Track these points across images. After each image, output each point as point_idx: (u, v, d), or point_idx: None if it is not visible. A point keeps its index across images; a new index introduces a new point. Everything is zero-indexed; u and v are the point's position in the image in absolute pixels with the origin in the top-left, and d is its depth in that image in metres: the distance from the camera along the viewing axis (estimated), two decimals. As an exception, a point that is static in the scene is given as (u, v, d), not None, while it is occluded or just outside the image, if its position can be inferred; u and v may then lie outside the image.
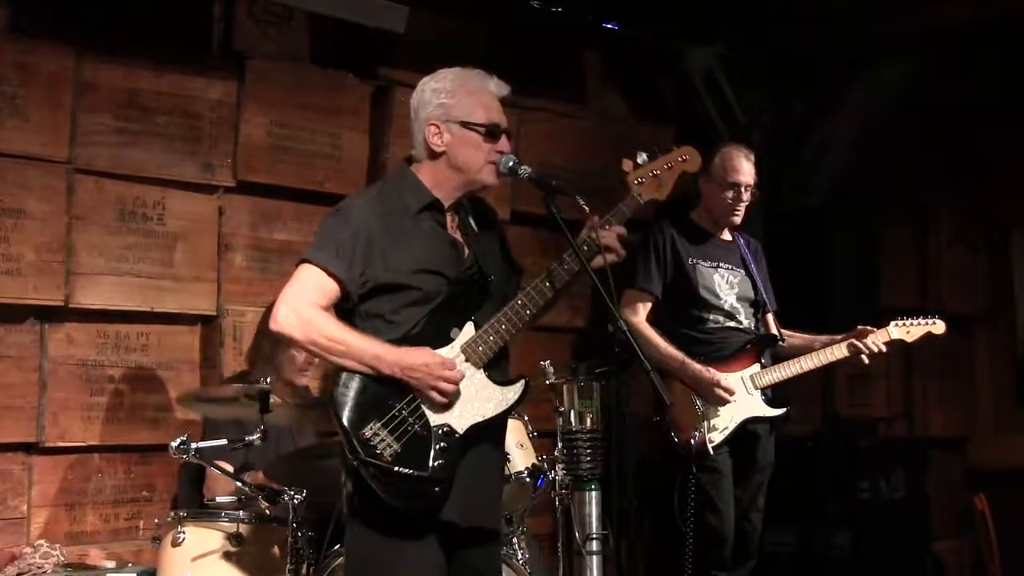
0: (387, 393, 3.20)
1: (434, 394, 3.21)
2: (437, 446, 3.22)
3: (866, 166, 6.93)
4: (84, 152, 4.76)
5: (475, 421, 3.30)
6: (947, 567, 7.13)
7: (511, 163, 3.49)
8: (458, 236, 3.43)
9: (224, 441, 4.10)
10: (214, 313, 5.08)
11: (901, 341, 5.11)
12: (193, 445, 3.96)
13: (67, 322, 4.74)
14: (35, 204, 4.62)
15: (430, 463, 3.20)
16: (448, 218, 3.42)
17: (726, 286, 5.00)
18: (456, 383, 3.24)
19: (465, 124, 3.38)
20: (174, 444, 3.95)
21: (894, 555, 6.32)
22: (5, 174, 4.56)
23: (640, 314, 4.92)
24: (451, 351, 3.30)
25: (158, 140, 4.94)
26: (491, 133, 3.42)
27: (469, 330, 3.34)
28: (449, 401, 3.25)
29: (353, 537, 3.30)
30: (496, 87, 3.48)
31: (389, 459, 3.15)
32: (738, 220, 5.05)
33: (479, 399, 3.31)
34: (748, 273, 5.06)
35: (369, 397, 3.19)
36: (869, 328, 4.98)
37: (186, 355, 5.05)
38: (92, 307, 4.78)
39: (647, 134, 6.72)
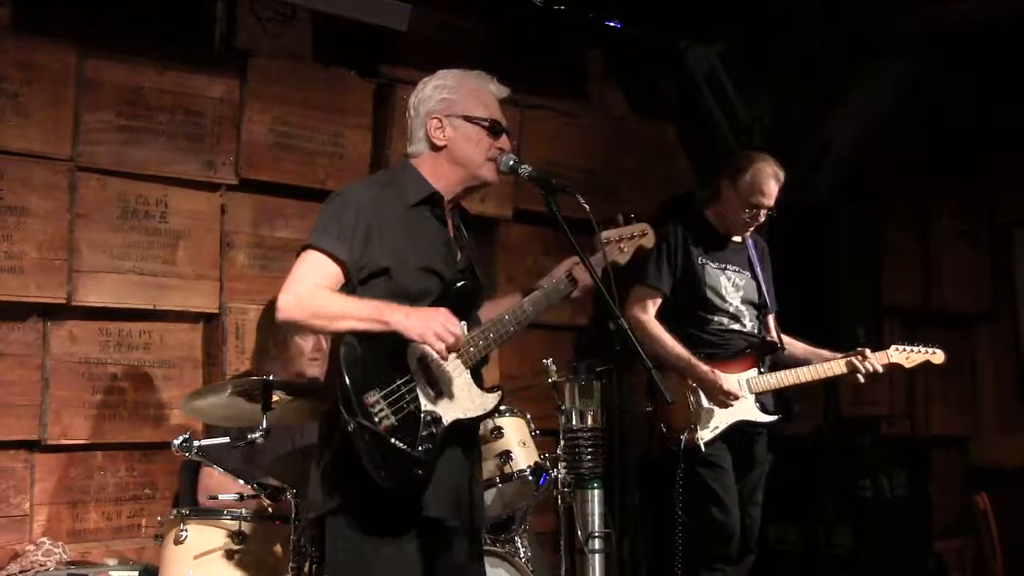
0: (390, 365, 3.20)
1: (433, 338, 3.17)
2: (424, 431, 3.23)
3: (868, 165, 6.93)
4: (87, 150, 4.76)
5: (458, 417, 3.31)
6: (948, 566, 7.14)
7: (511, 162, 3.51)
8: (452, 236, 3.44)
9: (227, 439, 4.10)
10: (216, 311, 5.08)
11: (899, 366, 5.10)
12: (195, 443, 3.97)
13: (69, 320, 4.75)
14: (38, 202, 4.62)
15: (417, 444, 3.20)
16: (446, 215, 3.43)
17: (732, 288, 5.00)
18: (457, 337, 3.21)
19: (468, 118, 3.40)
20: (176, 442, 3.95)
21: (896, 554, 6.32)
22: (8, 172, 4.56)
23: (649, 311, 4.93)
24: None
25: (160, 138, 4.94)
26: (493, 129, 3.43)
27: (463, 329, 3.35)
28: (442, 387, 3.26)
29: (334, 532, 3.25)
30: (496, 88, 3.50)
31: (385, 430, 3.14)
32: (747, 235, 5.05)
33: (463, 397, 3.33)
34: (754, 275, 5.06)
35: (375, 363, 3.18)
36: (868, 350, 4.98)
37: (188, 353, 5.05)
38: (94, 305, 4.78)
39: (649, 133, 6.73)
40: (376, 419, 3.14)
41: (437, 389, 3.27)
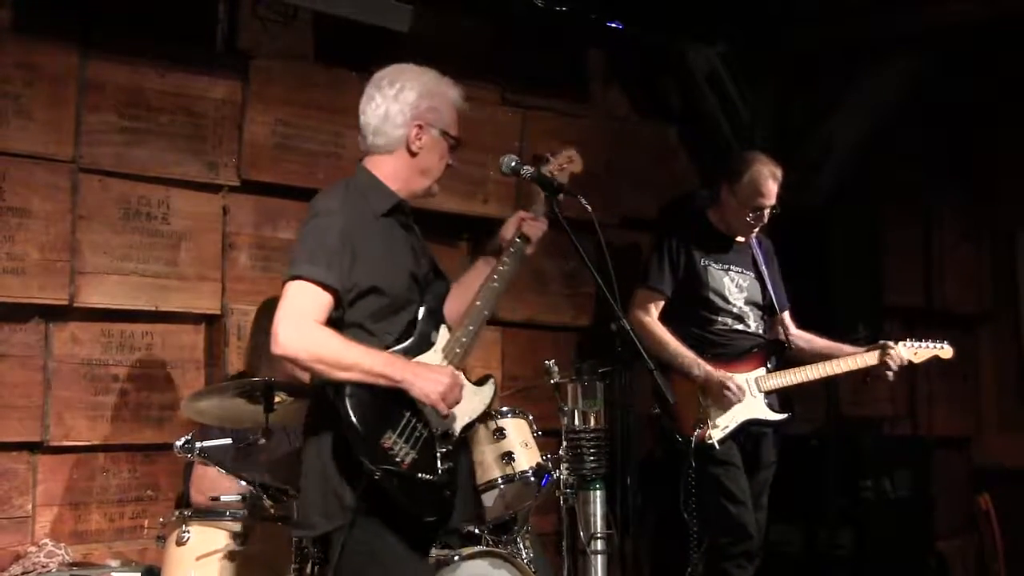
0: (395, 401, 3.21)
1: (440, 402, 3.23)
2: (441, 450, 3.25)
3: (869, 165, 6.93)
4: (88, 151, 4.76)
5: (466, 422, 3.36)
6: (951, 566, 7.13)
7: (513, 163, 3.53)
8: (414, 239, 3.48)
9: (229, 440, 4.11)
10: (218, 312, 5.07)
11: (908, 362, 5.10)
12: (197, 444, 3.97)
13: (71, 321, 4.74)
14: (40, 203, 4.62)
15: (438, 467, 3.22)
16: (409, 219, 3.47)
17: (735, 289, 5.01)
18: (458, 401, 3.30)
19: (444, 133, 3.43)
20: (178, 443, 3.95)
21: (898, 554, 6.32)
22: (10, 173, 4.56)
23: (652, 313, 4.95)
24: (435, 355, 3.35)
25: (162, 139, 4.94)
26: (455, 146, 3.47)
27: (444, 333, 3.39)
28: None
29: (348, 536, 3.25)
30: (460, 99, 3.51)
31: (409, 467, 3.16)
32: (752, 236, 5.05)
33: (464, 400, 3.35)
34: (758, 275, 5.06)
35: (380, 405, 3.20)
36: (891, 344, 4.98)
37: (190, 354, 5.04)
38: (97, 306, 4.78)
39: (650, 133, 6.73)
40: (398, 459, 3.16)
41: None
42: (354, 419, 3.14)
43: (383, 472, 3.12)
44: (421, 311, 3.35)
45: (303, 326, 3.18)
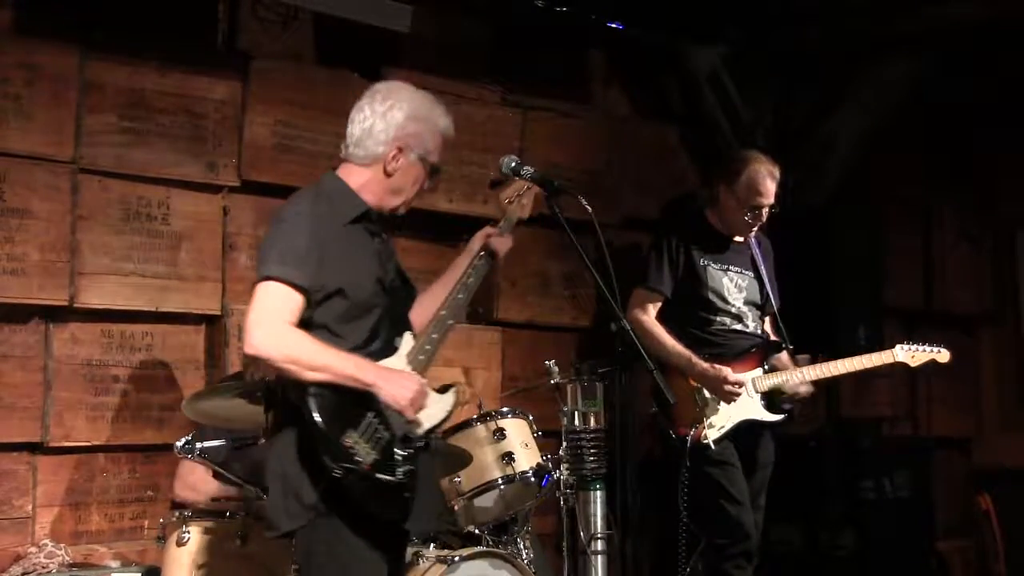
0: (359, 401, 3.24)
1: (408, 407, 3.27)
2: (402, 453, 3.29)
3: (869, 165, 6.93)
4: (89, 152, 4.76)
5: (427, 427, 3.39)
6: (951, 566, 7.13)
7: (514, 163, 3.54)
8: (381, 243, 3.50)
9: (228, 441, 4.10)
10: (219, 313, 5.07)
11: (905, 365, 5.10)
12: (198, 445, 3.98)
13: (72, 322, 4.74)
14: (40, 204, 4.62)
15: (398, 469, 3.25)
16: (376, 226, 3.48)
17: (734, 289, 5.00)
18: (424, 407, 3.34)
19: (423, 159, 3.44)
20: (179, 444, 3.96)
21: (898, 554, 6.32)
22: (10, 174, 4.56)
23: (650, 313, 4.96)
24: (399, 361, 3.38)
25: (162, 140, 4.94)
26: (432, 174, 3.48)
27: (408, 339, 3.43)
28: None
29: (314, 535, 3.27)
30: (449, 128, 3.52)
31: (370, 467, 3.19)
32: (751, 235, 5.05)
33: (427, 407, 3.38)
34: (757, 275, 5.06)
35: (345, 405, 3.23)
36: (806, 369, 4.98)
37: (191, 355, 5.05)
38: (97, 307, 4.78)
39: (651, 133, 6.73)
40: (359, 459, 3.18)
41: None
42: (317, 417, 3.17)
43: (344, 471, 3.14)
44: (386, 316, 3.38)
45: (275, 327, 3.20)
